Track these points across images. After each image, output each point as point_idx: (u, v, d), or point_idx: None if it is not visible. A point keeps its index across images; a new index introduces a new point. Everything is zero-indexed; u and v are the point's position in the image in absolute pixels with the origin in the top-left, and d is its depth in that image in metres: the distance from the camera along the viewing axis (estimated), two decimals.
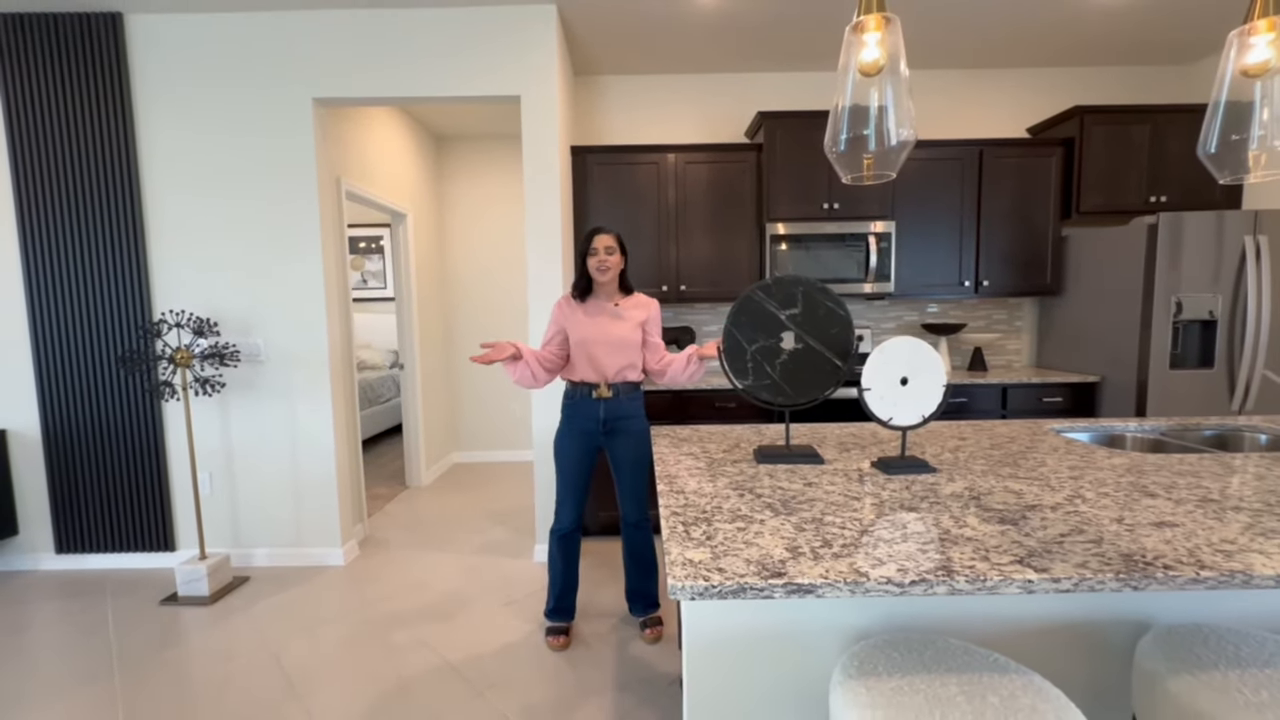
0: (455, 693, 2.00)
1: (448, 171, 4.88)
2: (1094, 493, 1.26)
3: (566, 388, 2.20)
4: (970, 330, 3.77)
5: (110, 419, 2.97)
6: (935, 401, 1.46)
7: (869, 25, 1.22)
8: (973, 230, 3.43)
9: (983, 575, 0.89)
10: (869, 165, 1.32)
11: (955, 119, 3.67)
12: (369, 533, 3.49)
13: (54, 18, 2.78)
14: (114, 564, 3.05)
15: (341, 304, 3.15)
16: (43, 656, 2.26)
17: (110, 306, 2.91)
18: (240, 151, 2.87)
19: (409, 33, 2.79)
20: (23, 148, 2.83)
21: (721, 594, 0.88)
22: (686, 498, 1.28)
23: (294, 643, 2.32)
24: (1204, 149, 1.33)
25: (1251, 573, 0.89)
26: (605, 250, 2.10)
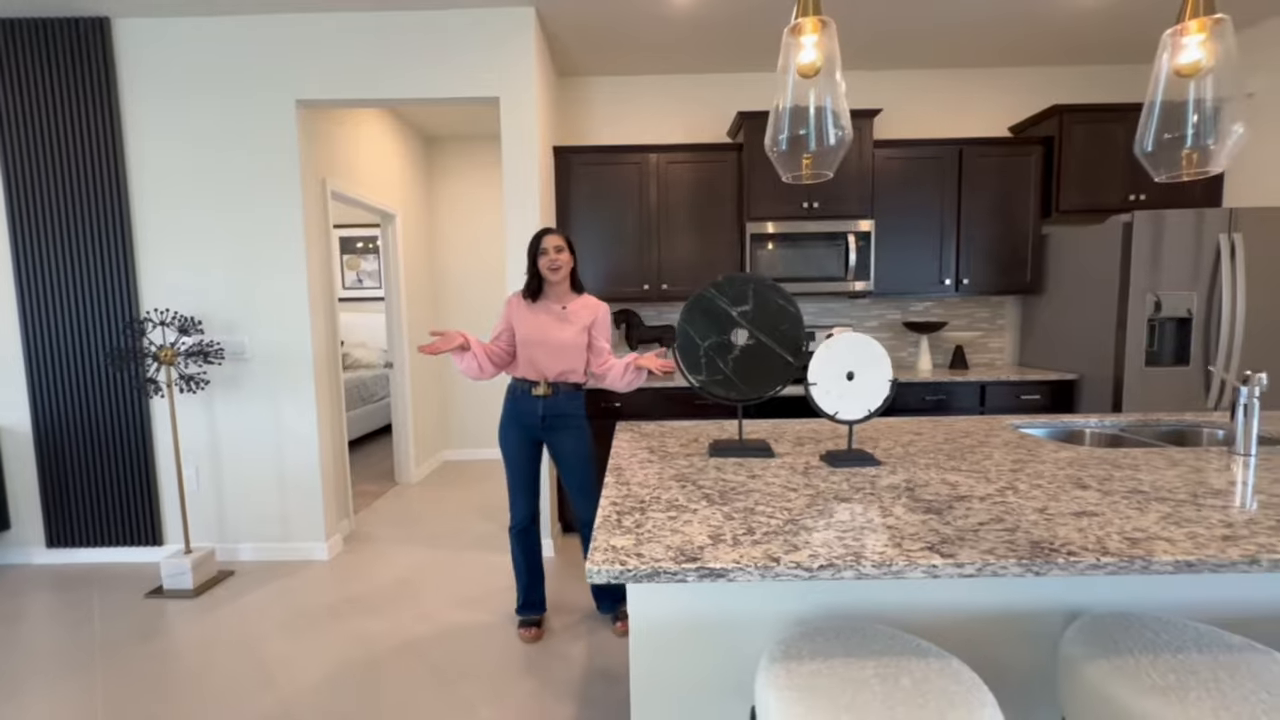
0: (427, 684, 2.04)
1: (438, 172, 4.93)
2: (1028, 485, 1.29)
3: (509, 383, 2.25)
4: (951, 329, 3.79)
5: (100, 415, 3.03)
6: (881, 396, 1.49)
7: (806, 28, 1.25)
8: (953, 229, 3.45)
9: (890, 561, 0.92)
10: (808, 165, 1.35)
11: (936, 119, 3.69)
12: (355, 528, 3.54)
13: (43, 22, 2.84)
14: (103, 558, 3.11)
15: (326, 303, 3.20)
16: (29, 647, 2.32)
17: (99, 305, 2.97)
18: (225, 153, 2.92)
19: (390, 35, 2.84)
20: (13, 150, 2.89)
21: (636, 577, 0.92)
22: (630, 489, 1.32)
23: (272, 635, 2.37)
24: (1140, 148, 1.36)
25: (1151, 558, 0.92)
26: (555, 249, 2.14)
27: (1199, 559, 0.92)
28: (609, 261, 3.46)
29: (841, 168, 3.24)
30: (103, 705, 1.95)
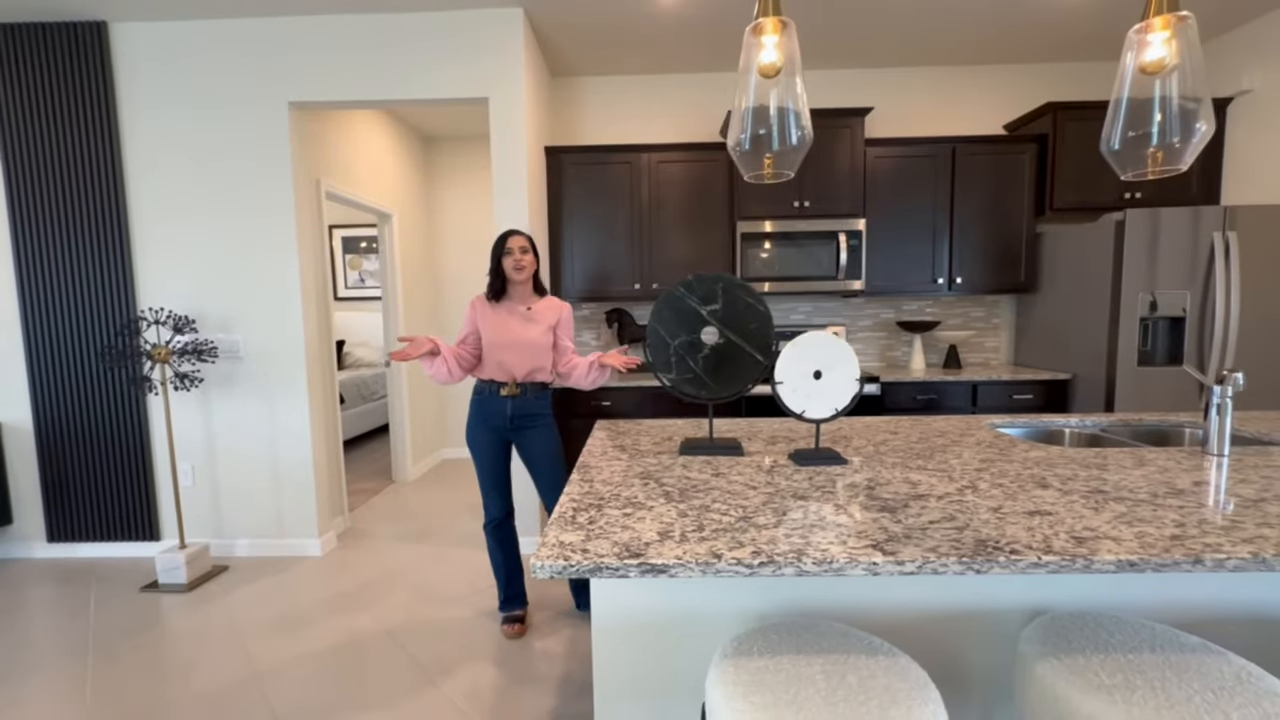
0: (408, 678, 2.07)
1: (436, 172, 4.97)
2: (990, 484, 1.29)
3: (476, 384, 2.26)
4: (945, 328, 3.77)
5: (98, 413, 3.09)
6: (849, 395, 1.49)
7: (766, 28, 1.25)
8: (946, 228, 3.44)
9: (831, 558, 0.93)
10: (769, 164, 1.35)
11: (929, 117, 3.67)
12: (350, 525, 3.58)
13: (43, 27, 2.89)
14: (102, 553, 3.17)
15: (319, 302, 3.24)
16: (25, 638, 2.37)
17: (98, 304, 3.03)
18: (220, 154, 2.96)
19: (380, 37, 2.87)
20: (13, 153, 2.95)
21: (579, 572, 0.93)
22: (592, 486, 1.33)
23: (261, 629, 2.41)
24: (1107, 146, 1.35)
25: (1093, 558, 0.92)
26: (520, 250, 2.16)
27: (1141, 558, 0.91)
28: (601, 261, 3.47)
29: (832, 166, 3.28)
30: (91, 693, 2.00)
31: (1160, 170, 1.30)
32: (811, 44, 3.32)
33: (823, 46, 3.36)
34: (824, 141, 3.32)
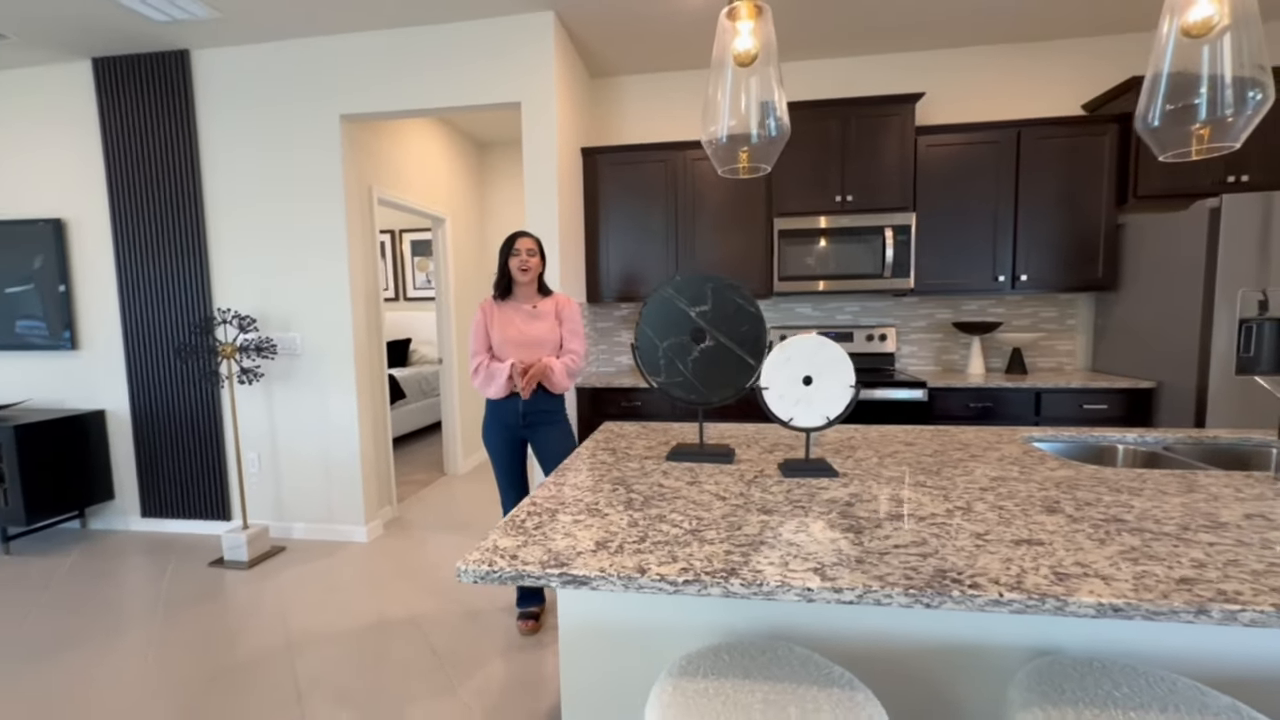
0: (422, 662, 2.14)
1: (489, 176, 5.13)
2: (989, 506, 1.16)
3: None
4: (1010, 329, 3.46)
5: (182, 403, 3.42)
6: (842, 403, 1.39)
7: (741, 13, 1.18)
8: (1009, 220, 3.15)
9: (764, 580, 0.86)
10: (745, 158, 1.28)
11: (990, 100, 3.38)
12: (398, 515, 3.77)
13: (137, 58, 3.24)
14: (182, 529, 3.51)
15: (369, 303, 3.43)
16: (112, 600, 2.67)
17: (180, 305, 3.35)
18: (281, 166, 3.20)
19: (420, 49, 2.99)
20: (115, 172, 3.32)
21: (501, 579, 0.91)
22: (560, 490, 1.31)
23: (303, 608, 2.58)
24: (1144, 124, 1.17)
25: (1068, 599, 0.79)
26: (527, 252, 2.17)
27: (1129, 603, 0.78)
28: (637, 260, 3.45)
29: (878, 158, 3.10)
30: (152, 654, 2.21)
31: (1207, 149, 1.11)
32: (855, 27, 3.14)
33: (869, 30, 3.16)
34: (869, 132, 3.13)
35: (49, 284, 3.47)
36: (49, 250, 3.44)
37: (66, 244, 3.45)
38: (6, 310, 3.55)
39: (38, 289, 3.49)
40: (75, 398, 3.56)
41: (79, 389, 3.55)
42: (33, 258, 3.47)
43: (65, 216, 3.44)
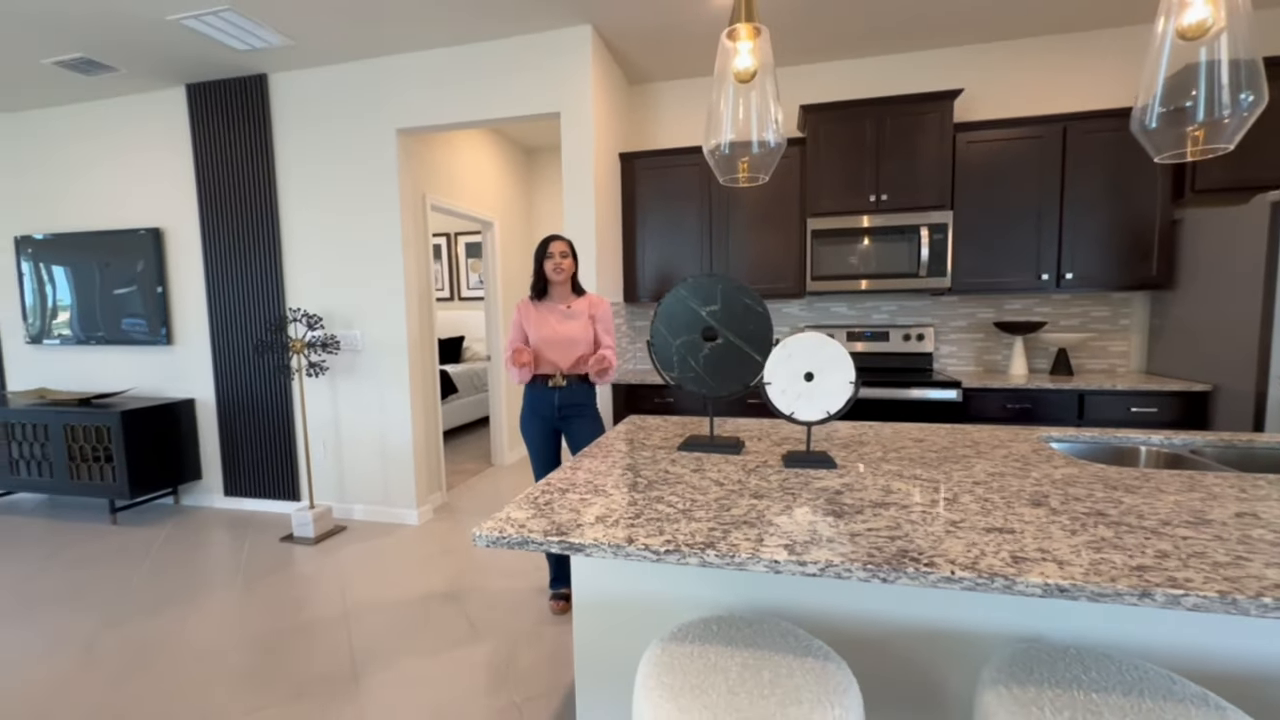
0: (458, 633, 2.33)
1: (536, 181, 5.35)
2: (975, 498, 1.21)
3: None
4: (1056, 329, 3.35)
5: (259, 394, 3.79)
6: (843, 399, 1.45)
7: (741, 34, 1.28)
8: (1054, 217, 3.06)
9: (735, 551, 0.96)
10: (745, 168, 1.37)
11: (1034, 94, 3.29)
12: (447, 501, 4.02)
13: (223, 82, 3.61)
14: (259, 507, 3.88)
15: (422, 303, 3.68)
16: (197, 568, 3.01)
17: (258, 304, 3.71)
18: (344, 176, 3.49)
19: (468, 66, 3.20)
20: (204, 186, 3.71)
21: (509, 544, 1.05)
22: (575, 473, 1.44)
23: (359, 581, 2.83)
24: (1140, 125, 1.19)
25: (1016, 579, 0.86)
26: (560, 254, 2.31)
27: (1074, 584, 0.84)
28: (673, 261, 3.56)
29: (914, 156, 3.10)
30: (231, 615, 2.51)
31: (1201, 151, 1.13)
32: (891, 25, 3.13)
33: (904, 27, 3.15)
34: (904, 130, 3.12)
35: (149, 286, 3.91)
36: (149, 256, 3.88)
37: (164, 250, 3.87)
38: (114, 309, 4.02)
39: (140, 291, 3.94)
40: (170, 387, 4.00)
41: (173, 379, 3.98)
42: (136, 262, 3.92)
43: (163, 225, 3.87)
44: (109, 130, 3.91)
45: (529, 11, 2.87)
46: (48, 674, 2.14)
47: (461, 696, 1.97)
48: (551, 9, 2.86)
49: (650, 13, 2.91)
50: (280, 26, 2.96)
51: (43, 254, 4.12)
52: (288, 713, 1.91)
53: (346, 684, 2.05)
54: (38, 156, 4.09)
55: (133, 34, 2.99)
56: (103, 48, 3.13)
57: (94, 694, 2.03)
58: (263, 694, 2.01)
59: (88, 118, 3.94)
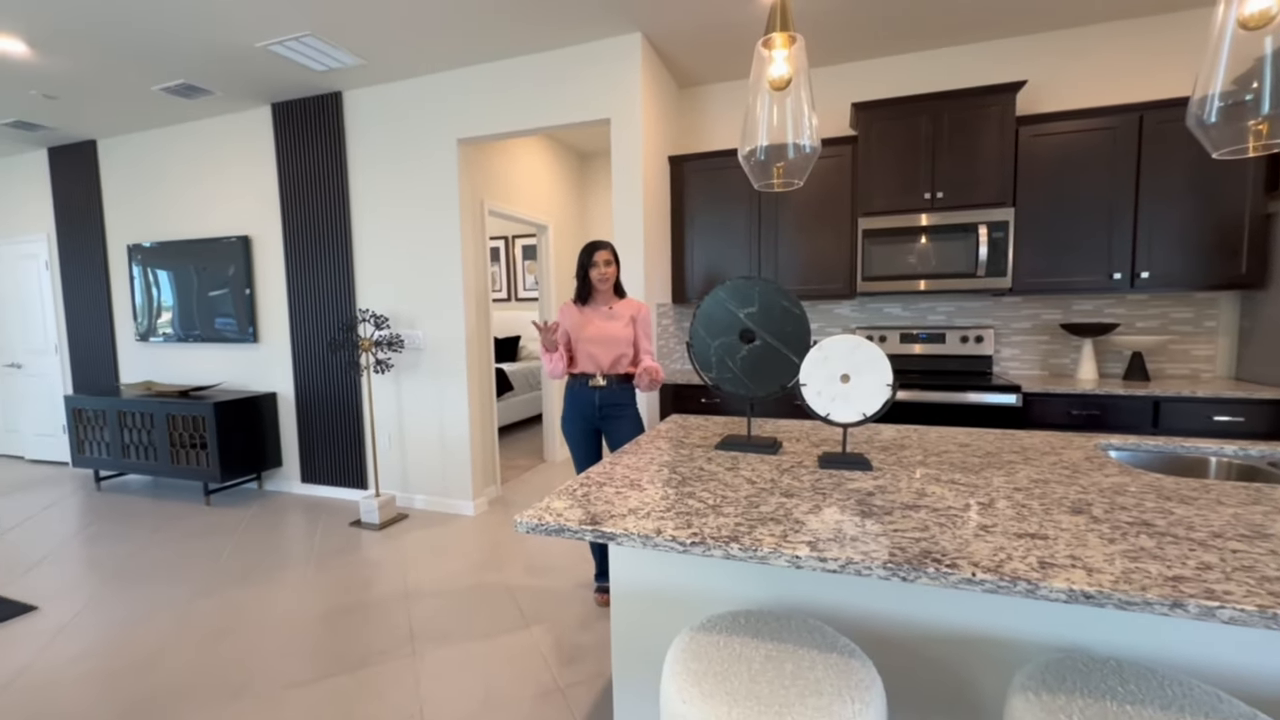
0: (508, 620, 2.45)
1: (589, 184, 5.48)
2: (1012, 504, 1.19)
3: (569, 378, 2.52)
4: (1128, 331, 3.15)
5: (332, 388, 4.08)
6: (880, 401, 1.45)
7: (776, 43, 1.31)
8: (1127, 212, 2.89)
9: (757, 545, 1.00)
10: (779, 173, 1.39)
11: (1105, 84, 3.11)
12: (500, 494, 4.20)
13: (303, 100, 3.91)
14: (331, 494, 4.18)
15: (479, 304, 3.86)
16: (275, 547, 3.29)
17: (332, 306, 4.00)
18: (407, 185, 3.71)
19: (522, 76, 3.34)
20: (287, 196, 4.03)
21: (547, 531, 1.13)
22: (613, 468, 1.51)
23: (419, 566, 3.02)
24: (1198, 120, 1.14)
25: (1040, 583, 0.85)
26: (604, 263, 2.38)
27: (1100, 592, 0.83)
28: (721, 262, 3.58)
29: (973, 152, 3.00)
30: (305, 589, 2.73)
31: (1264, 145, 1.07)
32: (950, 16, 3.03)
33: (964, 18, 3.04)
34: (963, 126, 3.02)
35: (239, 289, 4.28)
36: (239, 261, 4.24)
37: (252, 256, 4.23)
38: (209, 310, 4.43)
39: (231, 293, 4.32)
40: (255, 381, 4.36)
41: (258, 374, 4.34)
42: (228, 267, 4.30)
43: (251, 233, 4.22)
44: (205, 147, 4.30)
45: (581, 23, 2.97)
46: (152, 634, 2.41)
47: (510, 678, 2.08)
48: (602, 19, 2.94)
49: (699, 17, 2.95)
50: (353, 48, 3.18)
51: (150, 260, 4.58)
52: (354, 680, 2.08)
53: (406, 659, 2.21)
54: (146, 172, 4.55)
55: (227, 60, 3.29)
56: (202, 74, 3.47)
57: (189, 654, 2.27)
58: (331, 662, 2.19)
59: (187, 137, 4.36)
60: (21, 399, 5.45)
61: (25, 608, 2.63)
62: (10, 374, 5.48)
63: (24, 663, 2.23)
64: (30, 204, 5.10)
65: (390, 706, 1.95)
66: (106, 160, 4.69)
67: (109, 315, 4.86)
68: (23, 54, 3.14)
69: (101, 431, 4.40)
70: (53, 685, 2.10)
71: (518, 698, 1.98)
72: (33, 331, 5.30)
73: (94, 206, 4.78)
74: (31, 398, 5.38)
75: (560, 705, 1.94)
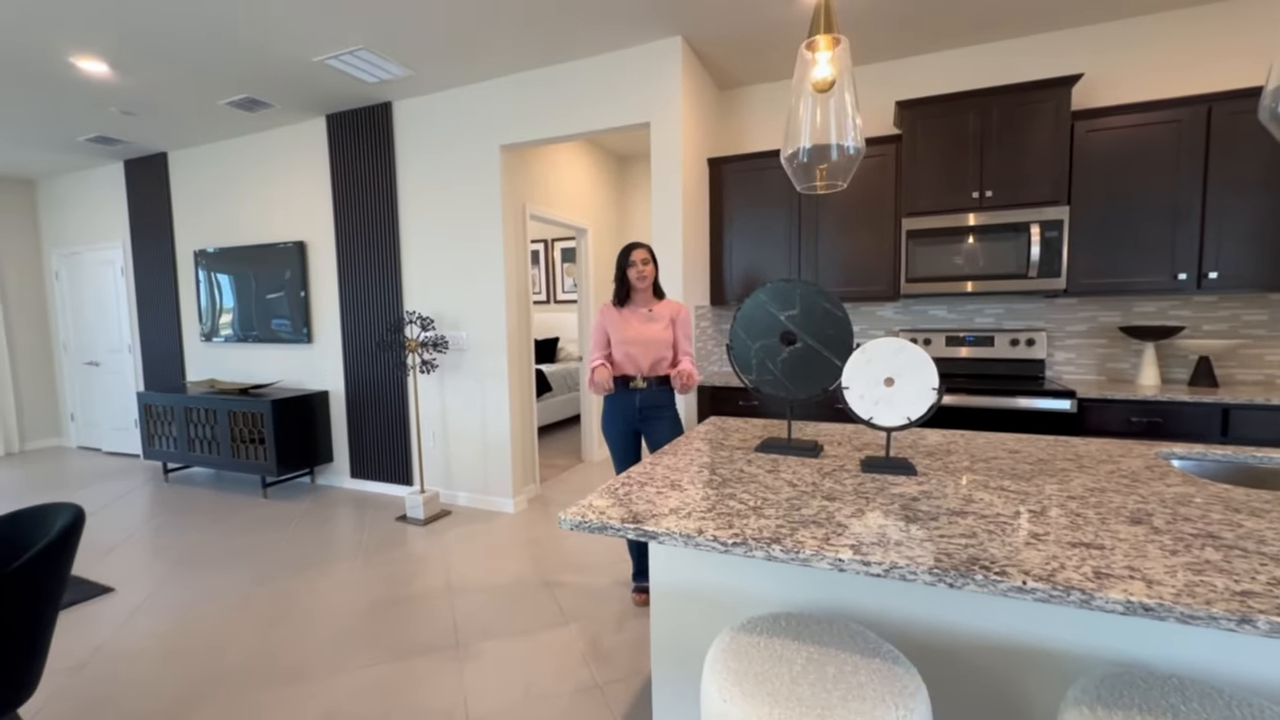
0: (549, 618, 2.50)
1: (628, 187, 5.53)
2: (1065, 512, 1.15)
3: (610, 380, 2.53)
4: (1194, 334, 2.99)
5: (380, 388, 4.23)
6: (925, 405, 1.43)
7: (820, 45, 1.30)
8: (1194, 209, 2.74)
9: (799, 547, 1.00)
10: (822, 175, 1.38)
11: (1169, 75, 2.95)
12: (540, 493, 4.27)
13: (356, 111, 4.07)
14: (378, 489, 4.33)
15: (520, 306, 3.94)
16: (327, 540, 3.43)
17: (381, 308, 4.15)
18: (453, 189, 3.82)
19: (564, 83, 3.40)
20: (339, 200, 4.21)
21: (590, 528, 1.15)
22: (654, 468, 1.53)
23: (462, 560, 3.10)
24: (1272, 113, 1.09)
25: (1095, 593, 0.83)
26: (642, 262, 2.39)
27: (1161, 604, 0.80)
28: (760, 264, 3.55)
29: (1024, 149, 2.92)
30: (354, 581, 2.84)
31: None
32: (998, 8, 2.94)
33: (1018, 8, 2.95)
34: (1014, 122, 2.93)
35: (294, 292, 4.49)
36: (295, 265, 4.45)
37: (306, 260, 4.43)
38: (266, 312, 4.66)
39: (286, 296, 4.54)
40: (309, 380, 4.57)
41: (312, 373, 4.54)
42: (284, 271, 4.52)
43: (305, 239, 4.42)
44: (264, 157, 4.53)
45: (621, 29, 3.01)
46: (215, 618, 2.56)
47: (550, 674, 2.13)
48: (643, 25, 2.97)
49: (739, 19, 2.95)
50: (403, 60, 3.31)
51: (213, 265, 4.85)
52: (400, 669, 2.16)
53: (449, 651, 2.27)
54: (211, 182, 4.82)
55: (286, 75, 3.46)
56: (263, 88, 3.66)
57: (249, 637, 2.39)
58: (378, 651, 2.28)
59: (248, 148, 4.60)
60: (99, 395, 5.84)
61: (104, 589, 2.82)
62: (90, 372, 5.89)
63: (103, 639, 2.40)
64: (108, 213, 5.47)
65: (436, 696, 2.02)
66: (176, 171, 4.99)
67: (176, 317, 5.17)
68: (105, 74, 3.38)
69: (169, 426, 4.67)
70: (128, 660, 2.25)
71: (557, 693, 2.02)
72: (109, 332, 5.67)
73: (164, 215, 5.09)
74: (108, 394, 5.76)
75: (599, 701, 1.97)
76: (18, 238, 5.88)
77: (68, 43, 3.02)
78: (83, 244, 5.70)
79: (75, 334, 5.93)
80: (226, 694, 2.05)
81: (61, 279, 5.93)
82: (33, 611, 1.41)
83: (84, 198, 5.62)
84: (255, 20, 2.85)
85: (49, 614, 1.47)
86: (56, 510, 1.65)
